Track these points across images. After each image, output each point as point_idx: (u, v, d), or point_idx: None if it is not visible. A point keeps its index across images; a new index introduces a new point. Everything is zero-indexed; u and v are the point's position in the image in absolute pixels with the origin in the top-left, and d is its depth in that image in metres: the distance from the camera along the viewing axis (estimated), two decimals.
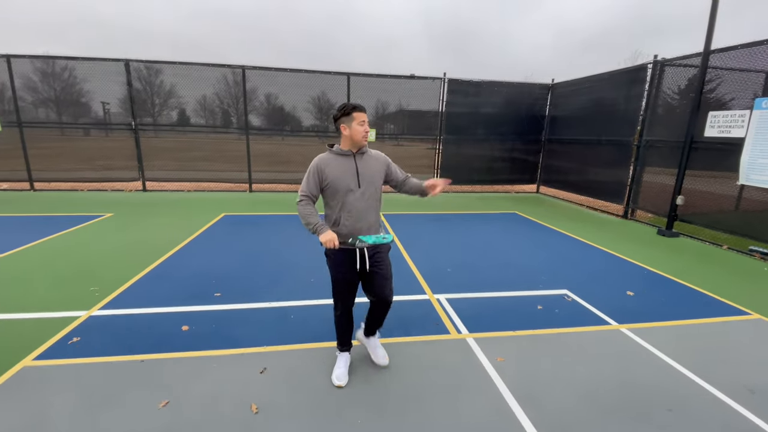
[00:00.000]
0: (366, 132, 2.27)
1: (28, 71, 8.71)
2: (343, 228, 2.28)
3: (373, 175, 2.34)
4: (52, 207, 7.31)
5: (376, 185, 2.37)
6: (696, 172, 6.41)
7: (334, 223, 2.31)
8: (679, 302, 3.86)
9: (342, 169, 2.27)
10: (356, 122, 2.24)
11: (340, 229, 2.29)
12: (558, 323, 3.32)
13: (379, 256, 2.38)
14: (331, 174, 2.25)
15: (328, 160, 2.29)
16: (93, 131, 9.97)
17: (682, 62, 6.77)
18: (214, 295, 3.65)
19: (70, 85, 9.17)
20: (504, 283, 4.19)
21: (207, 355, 2.71)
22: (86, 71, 8.83)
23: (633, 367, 2.73)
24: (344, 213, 2.27)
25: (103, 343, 2.84)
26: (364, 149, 2.35)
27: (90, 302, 3.48)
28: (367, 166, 2.33)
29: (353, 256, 2.30)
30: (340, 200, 2.27)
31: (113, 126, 9.51)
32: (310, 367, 2.61)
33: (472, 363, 2.71)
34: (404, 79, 9.74)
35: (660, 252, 5.56)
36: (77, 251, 4.80)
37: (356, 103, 2.28)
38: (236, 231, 5.94)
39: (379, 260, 2.37)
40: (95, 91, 9.08)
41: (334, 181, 2.25)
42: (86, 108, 9.49)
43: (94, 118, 9.58)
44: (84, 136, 9.97)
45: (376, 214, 2.39)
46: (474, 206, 8.72)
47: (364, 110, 2.26)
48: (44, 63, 8.80)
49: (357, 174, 2.28)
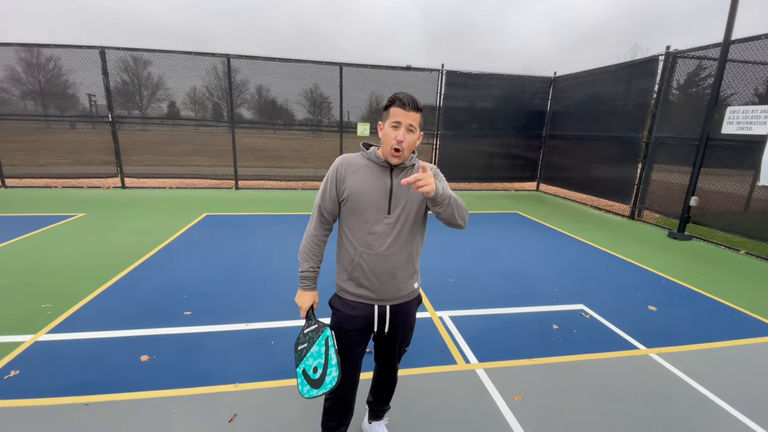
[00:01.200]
0: (399, 142, 1.42)
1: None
2: (356, 271, 1.55)
3: (414, 198, 1.52)
4: (19, 206, 6.74)
5: (417, 212, 1.54)
6: (710, 170, 6.03)
7: (346, 261, 1.58)
8: (707, 319, 3.47)
9: (370, 181, 1.50)
10: (389, 122, 1.44)
11: (352, 272, 1.56)
12: (579, 347, 2.90)
13: (403, 317, 1.66)
14: (355, 186, 1.50)
15: (355, 165, 1.53)
16: (75, 125, 9.36)
17: (698, 54, 6.36)
18: (184, 314, 3.18)
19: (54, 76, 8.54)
20: (513, 296, 3.77)
21: (166, 395, 2.25)
22: (63, 61, 8.23)
23: (673, 406, 2.32)
24: (361, 249, 1.52)
25: (44, 379, 2.37)
26: (409, 162, 1.54)
27: (39, 323, 2.99)
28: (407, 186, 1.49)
29: (366, 317, 1.60)
30: (358, 228, 1.52)
31: (85, 119, 8.92)
32: (292, 411, 2.16)
33: (483, 404, 2.28)
34: (400, 70, 9.24)
35: (675, 257, 5.18)
36: (34, 259, 4.28)
37: (404, 94, 1.43)
38: (217, 234, 5.44)
39: (403, 323, 1.66)
40: (77, 83, 8.47)
41: (357, 197, 1.49)
42: (71, 100, 8.88)
43: (81, 111, 8.96)
44: (70, 129, 9.37)
45: (409, 260, 1.58)
46: (473, 205, 8.30)
47: (408, 106, 1.41)
48: (16, 51, 8.16)
49: (390, 194, 1.51)
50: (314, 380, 1.51)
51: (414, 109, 1.42)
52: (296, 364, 1.57)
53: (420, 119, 1.47)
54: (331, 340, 1.54)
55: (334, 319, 1.64)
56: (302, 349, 1.57)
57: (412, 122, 1.43)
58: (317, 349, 1.53)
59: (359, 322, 1.59)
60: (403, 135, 1.42)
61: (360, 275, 1.55)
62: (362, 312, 1.59)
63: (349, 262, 1.56)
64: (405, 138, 1.42)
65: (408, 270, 1.59)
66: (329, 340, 1.54)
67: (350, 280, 1.58)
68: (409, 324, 1.71)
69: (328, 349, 1.52)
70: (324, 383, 1.49)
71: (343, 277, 1.60)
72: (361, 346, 1.65)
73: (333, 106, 9.44)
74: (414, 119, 1.43)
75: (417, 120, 1.44)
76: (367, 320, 1.60)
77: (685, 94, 6.88)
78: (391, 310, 1.60)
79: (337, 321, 1.62)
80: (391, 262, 1.53)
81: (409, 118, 1.42)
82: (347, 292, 1.59)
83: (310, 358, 1.54)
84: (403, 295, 1.61)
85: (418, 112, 1.44)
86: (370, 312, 1.59)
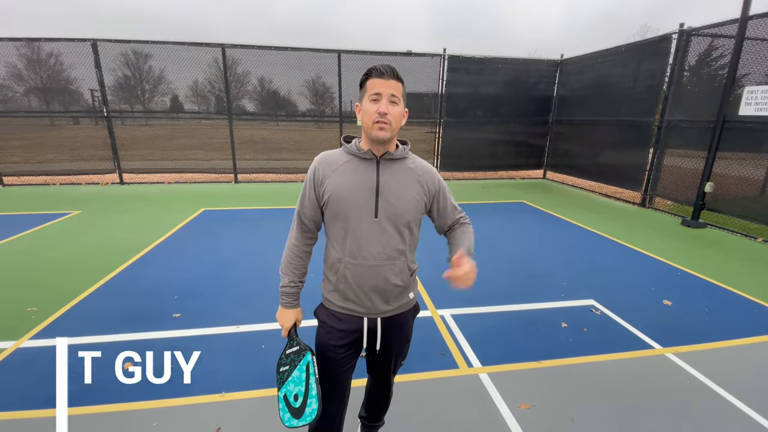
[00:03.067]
0: (382, 114, 1.22)
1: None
2: (341, 283, 1.36)
3: (403, 202, 1.31)
4: (16, 205, 6.65)
5: (408, 219, 1.33)
6: (726, 154, 5.74)
7: (330, 271, 1.39)
8: (726, 313, 3.26)
9: (354, 179, 1.29)
10: (368, 96, 1.25)
11: (337, 284, 1.36)
12: (590, 348, 2.72)
13: (398, 330, 1.45)
14: (335, 186, 1.29)
15: (334, 163, 1.33)
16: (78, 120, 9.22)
17: (713, 31, 6.02)
18: (173, 316, 3.04)
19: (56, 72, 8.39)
20: (518, 292, 3.58)
21: (148, 407, 2.11)
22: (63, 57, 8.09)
23: (693, 411, 2.14)
24: (346, 258, 1.33)
25: (22, 389, 2.25)
26: (398, 153, 1.33)
27: (23, 328, 2.87)
28: (396, 182, 1.31)
29: (354, 331, 1.40)
30: (342, 234, 1.32)
31: (80, 114, 8.79)
32: (279, 424, 2.01)
33: (487, 412, 2.11)
34: (401, 56, 8.94)
35: (689, 247, 4.95)
36: (24, 260, 4.16)
37: (380, 65, 1.25)
38: (213, 230, 5.30)
39: (398, 336, 1.47)
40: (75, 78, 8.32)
41: (338, 199, 1.29)
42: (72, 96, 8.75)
43: (85, 106, 8.82)
44: (73, 125, 9.23)
45: (402, 270, 1.37)
46: (477, 195, 8.07)
47: (386, 74, 1.23)
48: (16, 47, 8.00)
49: (376, 192, 1.29)
50: (295, 409, 1.36)
51: (394, 77, 1.24)
52: (278, 387, 1.41)
53: (402, 90, 1.28)
54: (312, 366, 1.37)
55: (320, 332, 1.45)
56: (284, 371, 1.42)
57: (394, 92, 1.24)
58: (298, 374, 1.38)
59: (347, 336, 1.39)
60: (386, 107, 1.22)
61: (345, 288, 1.35)
62: (350, 326, 1.39)
63: (333, 272, 1.37)
64: (389, 109, 1.23)
65: (401, 281, 1.37)
66: (310, 367, 1.37)
67: (335, 291, 1.38)
68: (404, 337, 1.50)
69: (308, 377, 1.36)
70: (304, 414, 1.34)
71: (329, 287, 1.40)
72: (350, 363, 1.45)
73: (333, 96, 9.20)
74: (395, 88, 1.24)
75: (399, 90, 1.26)
76: (356, 334, 1.40)
77: (699, 74, 6.54)
78: (383, 324, 1.40)
79: (323, 334, 1.43)
80: (380, 274, 1.32)
81: (389, 88, 1.23)
82: (333, 304, 1.40)
83: (291, 383, 1.39)
84: (396, 308, 1.41)
85: (399, 81, 1.25)
86: (359, 325, 1.39)
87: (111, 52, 8.10)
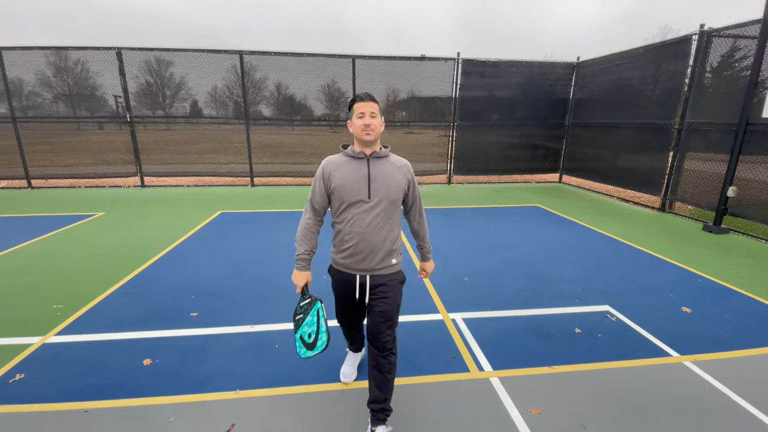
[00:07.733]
0: (366, 125, 1.78)
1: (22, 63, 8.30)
2: (342, 245, 1.91)
3: (390, 186, 1.86)
4: (43, 206, 6.92)
5: (393, 198, 1.87)
6: (749, 158, 5.57)
7: (336, 239, 1.95)
8: (748, 321, 3.16)
9: (351, 172, 1.84)
10: (355, 115, 1.81)
11: (339, 246, 1.93)
12: (604, 354, 2.68)
13: (383, 289, 1.91)
14: (339, 178, 1.84)
15: (337, 163, 1.89)
16: (103, 125, 9.58)
17: (735, 32, 5.87)
18: (190, 315, 3.13)
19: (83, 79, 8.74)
20: (532, 296, 3.55)
21: (165, 402, 2.18)
22: (90, 64, 8.42)
23: (711, 421, 2.08)
24: (346, 227, 1.87)
25: (48, 383, 2.35)
26: (382, 153, 1.89)
27: (49, 324, 3.00)
28: (383, 174, 1.86)
29: (351, 283, 1.93)
30: (346, 213, 1.86)
31: (105, 119, 9.11)
32: (291, 421, 2.05)
33: (498, 417, 2.11)
34: (414, 60, 8.99)
35: (711, 253, 4.81)
36: (51, 259, 4.34)
37: (361, 93, 1.84)
38: (230, 232, 5.42)
39: (383, 294, 1.90)
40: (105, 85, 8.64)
41: (341, 187, 1.83)
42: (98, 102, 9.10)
43: (110, 112, 9.16)
44: (98, 130, 9.60)
45: (389, 237, 1.89)
46: (491, 199, 8.02)
47: (366, 99, 1.80)
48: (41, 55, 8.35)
49: (368, 181, 1.82)
50: (309, 344, 1.91)
51: (371, 99, 1.81)
52: (294, 330, 1.93)
53: (378, 108, 1.82)
54: (321, 311, 1.92)
55: (333, 282, 2.03)
56: (299, 318, 1.91)
57: (373, 110, 1.80)
58: (310, 319, 1.90)
59: (347, 286, 1.95)
60: (369, 119, 1.79)
61: (345, 249, 1.89)
62: (348, 279, 1.93)
63: (340, 240, 1.91)
64: (371, 122, 1.79)
65: (386, 247, 1.88)
66: (320, 312, 1.92)
67: (338, 252, 1.94)
68: (388, 296, 1.90)
69: (319, 319, 1.90)
70: (316, 346, 1.91)
71: (334, 251, 1.98)
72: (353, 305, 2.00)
73: (347, 100, 9.29)
74: (373, 107, 1.80)
75: (376, 108, 1.81)
76: (352, 286, 1.92)
77: (721, 76, 6.37)
78: (370, 280, 1.89)
79: (333, 283, 2.03)
80: (371, 239, 1.84)
81: (369, 107, 1.79)
82: (336, 263, 1.97)
83: (305, 326, 1.91)
84: (380, 268, 1.89)
85: (374, 102, 1.81)
86: (353, 279, 1.91)
87: (135, 60, 8.39)
